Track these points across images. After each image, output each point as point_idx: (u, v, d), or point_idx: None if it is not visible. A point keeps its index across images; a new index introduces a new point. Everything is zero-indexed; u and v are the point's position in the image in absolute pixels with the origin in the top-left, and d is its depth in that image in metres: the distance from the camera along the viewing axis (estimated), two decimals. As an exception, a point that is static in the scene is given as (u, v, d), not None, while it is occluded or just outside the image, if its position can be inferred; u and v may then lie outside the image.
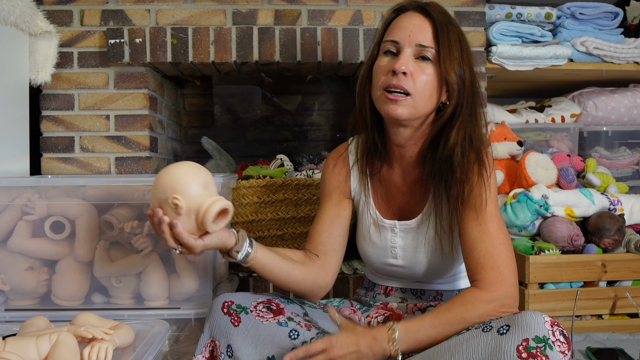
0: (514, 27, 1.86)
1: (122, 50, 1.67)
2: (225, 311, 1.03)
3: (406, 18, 1.04)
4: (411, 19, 1.03)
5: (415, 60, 1.02)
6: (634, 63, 1.98)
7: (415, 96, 1.01)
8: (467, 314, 0.93)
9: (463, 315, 0.93)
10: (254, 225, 1.66)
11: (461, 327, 0.93)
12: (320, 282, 1.15)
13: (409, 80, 1.01)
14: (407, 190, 1.16)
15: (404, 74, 1.00)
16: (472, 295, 0.95)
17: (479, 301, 0.94)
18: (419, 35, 1.01)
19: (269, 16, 1.73)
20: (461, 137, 1.03)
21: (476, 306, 0.94)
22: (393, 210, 1.19)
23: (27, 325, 1.02)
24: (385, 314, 1.17)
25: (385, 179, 1.18)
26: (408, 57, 1.01)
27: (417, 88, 1.01)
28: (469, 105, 1.04)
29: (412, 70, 1.01)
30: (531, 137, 2.03)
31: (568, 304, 1.59)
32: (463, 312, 0.93)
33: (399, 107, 1.01)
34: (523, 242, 1.66)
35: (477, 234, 1.01)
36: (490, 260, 0.98)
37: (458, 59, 1.02)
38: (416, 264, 1.15)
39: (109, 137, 1.73)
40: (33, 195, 1.27)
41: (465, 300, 0.95)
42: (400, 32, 1.03)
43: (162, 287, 1.30)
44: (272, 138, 2.40)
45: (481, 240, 1.00)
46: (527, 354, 0.80)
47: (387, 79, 1.02)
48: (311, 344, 0.93)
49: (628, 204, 1.73)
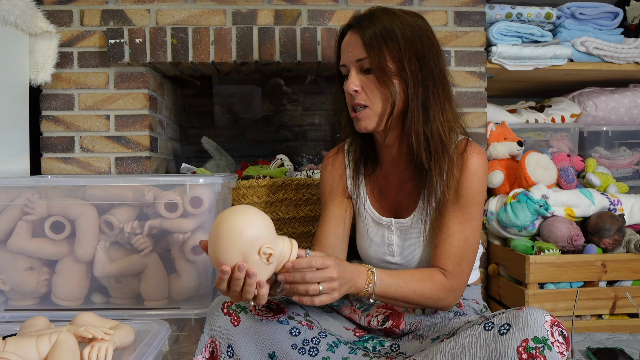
0: (514, 27, 1.86)
1: (122, 50, 1.67)
2: (225, 311, 1.03)
3: (346, 39, 1.12)
4: (348, 39, 1.11)
5: (362, 74, 1.09)
6: (634, 63, 1.98)
7: (372, 106, 1.09)
8: (431, 293, 1.05)
9: (427, 292, 1.05)
10: (254, 225, 1.66)
11: (421, 300, 1.05)
12: None
13: (362, 94, 1.09)
14: (400, 188, 1.19)
15: (356, 92, 1.09)
16: (440, 281, 1.06)
17: (444, 288, 1.06)
18: (354, 51, 1.08)
19: (269, 16, 1.73)
20: (415, 134, 1.07)
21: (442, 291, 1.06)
22: (389, 208, 1.20)
23: (27, 325, 1.02)
24: (386, 313, 1.18)
25: (379, 178, 1.22)
26: (354, 76, 1.09)
27: (370, 98, 1.09)
28: (418, 97, 1.07)
29: (361, 85, 1.09)
30: (531, 137, 2.03)
31: (568, 304, 1.59)
32: (429, 290, 1.05)
33: (362, 120, 1.10)
34: (523, 242, 1.66)
35: (454, 231, 1.09)
36: (459, 257, 1.08)
37: (396, 56, 1.05)
38: (412, 261, 1.16)
39: (109, 137, 1.73)
40: (33, 195, 1.27)
41: (433, 282, 1.06)
42: (344, 55, 1.12)
43: (162, 287, 1.30)
44: (272, 138, 2.39)
45: (456, 238, 1.09)
46: (527, 354, 0.81)
47: (349, 99, 1.12)
48: (312, 258, 0.92)
49: (628, 204, 1.73)
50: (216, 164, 2.00)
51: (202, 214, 1.28)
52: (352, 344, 1.07)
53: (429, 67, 1.07)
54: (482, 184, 1.10)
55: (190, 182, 1.28)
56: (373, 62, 1.06)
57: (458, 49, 1.79)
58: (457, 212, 1.09)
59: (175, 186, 1.30)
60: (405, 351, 1.07)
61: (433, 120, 1.07)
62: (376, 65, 1.05)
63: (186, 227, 1.28)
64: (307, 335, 1.03)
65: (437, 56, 1.09)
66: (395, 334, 1.16)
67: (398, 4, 1.76)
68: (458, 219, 1.09)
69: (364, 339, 1.13)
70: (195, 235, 1.28)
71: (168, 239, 1.30)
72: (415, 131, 1.07)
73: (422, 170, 1.09)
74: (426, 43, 1.08)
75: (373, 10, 1.11)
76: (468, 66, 1.79)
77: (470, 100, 1.80)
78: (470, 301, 1.20)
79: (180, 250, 1.29)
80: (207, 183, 1.28)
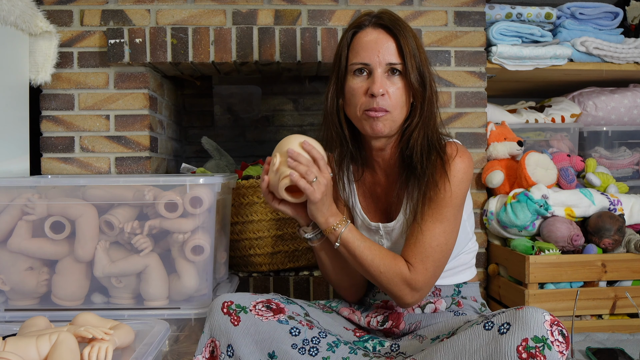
0: (514, 27, 1.86)
1: (122, 50, 1.67)
2: (225, 311, 1.03)
3: (368, 36, 1.09)
4: (377, 38, 1.08)
5: (386, 77, 1.08)
6: (634, 63, 1.98)
7: (393, 111, 1.08)
8: (387, 273, 1.07)
9: (383, 269, 1.06)
10: (254, 225, 1.66)
11: (375, 273, 1.07)
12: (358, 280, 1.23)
13: (386, 99, 1.07)
14: (389, 191, 1.20)
15: (383, 95, 1.07)
16: (401, 269, 1.07)
17: (403, 279, 1.07)
18: (387, 54, 1.07)
19: (269, 16, 1.73)
20: (421, 137, 1.10)
21: (399, 279, 1.07)
22: (381, 211, 1.22)
23: (27, 325, 1.02)
24: (385, 313, 1.18)
25: (369, 183, 1.23)
26: (382, 77, 1.07)
27: (393, 103, 1.08)
28: (430, 104, 1.11)
29: (387, 88, 1.08)
30: (531, 137, 2.03)
31: (568, 304, 1.59)
32: (385, 269, 1.07)
33: (381, 123, 1.08)
34: (523, 242, 1.66)
35: (424, 227, 1.08)
36: (424, 254, 1.07)
37: (418, 64, 1.09)
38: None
39: (109, 137, 1.73)
40: (33, 195, 1.27)
41: (394, 265, 1.07)
42: (368, 54, 1.08)
43: (162, 287, 1.30)
44: (272, 138, 2.39)
45: (424, 235, 1.08)
46: (526, 354, 0.82)
47: (367, 101, 1.08)
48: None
49: (628, 204, 1.73)
50: (216, 164, 2.00)
51: (202, 214, 1.28)
52: (352, 344, 1.07)
53: (432, 80, 1.12)
54: (461, 188, 1.09)
55: (190, 182, 1.28)
56: (408, 70, 1.07)
57: (458, 49, 1.79)
58: (431, 211, 1.08)
59: (175, 186, 1.30)
60: (405, 351, 1.07)
61: (433, 129, 1.11)
62: (410, 75, 1.07)
63: (186, 227, 1.28)
64: (307, 335, 1.03)
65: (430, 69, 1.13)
66: (395, 334, 1.16)
67: (398, 4, 1.76)
68: (431, 217, 1.08)
69: (363, 339, 1.13)
70: (195, 235, 1.28)
71: (168, 239, 1.30)
72: (415, 139, 1.10)
73: (415, 173, 1.10)
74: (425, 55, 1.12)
75: (395, 16, 1.11)
76: (468, 66, 1.79)
77: (470, 100, 1.80)
78: (469, 299, 1.21)
79: (180, 250, 1.29)
80: (207, 183, 1.28)
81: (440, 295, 1.20)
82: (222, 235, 1.48)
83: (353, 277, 1.21)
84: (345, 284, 1.23)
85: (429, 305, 1.16)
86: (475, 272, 1.27)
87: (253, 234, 1.67)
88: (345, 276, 1.21)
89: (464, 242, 1.20)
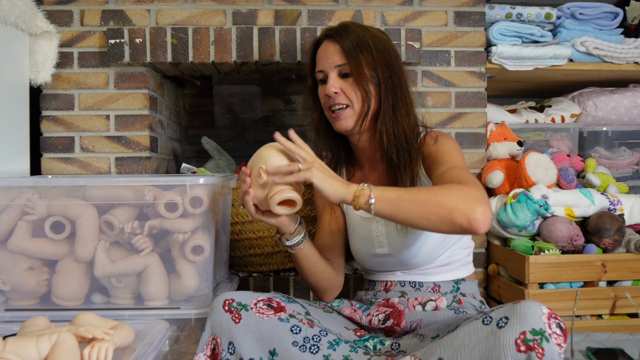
0: (514, 27, 1.87)
1: (122, 50, 1.67)
2: (226, 309, 1.04)
3: (322, 48, 1.25)
4: (326, 47, 1.23)
5: (340, 78, 1.22)
6: (634, 63, 1.98)
7: (353, 105, 1.21)
8: (447, 188, 1.00)
9: (440, 188, 1.01)
10: (254, 225, 1.66)
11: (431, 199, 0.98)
12: (335, 282, 1.30)
13: (341, 96, 1.21)
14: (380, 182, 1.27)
15: (336, 93, 1.20)
16: (456, 185, 1.02)
17: (462, 188, 0.99)
18: (334, 58, 1.21)
19: (269, 16, 1.73)
20: (388, 126, 1.19)
21: (459, 188, 0.99)
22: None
23: (27, 325, 1.02)
24: (386, 311, 1.18)
25: (360, 179, 1.33)
26: (334, 78, 1.21)
27: (350, 98, 1.20)
28: (392, 95, 1.20)
29: (341, 87, 1.20)
30: (531, 137, 2.03)
31: (568, 304, 1.59)
32: (442, 187, 1.01)
33: (343, 119, 1.21)
34: (523, 242, 1.66)
35: (443, 170, 1.10)
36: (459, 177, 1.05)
37: (372, 59, 1.19)
38: (400, 249, 1.20)
39: (109, 137, 1.73)
40: (33, 195, 1.27)
41: (449, 184, 1.03)
42: (322, 62, 1.24)
43: (162, 287, 1.30)
44: (272, 138, 2.39)
45: (448, 171, 1.08)
46: (525, 346, 0.82)
47: (327, 100, 1.23)
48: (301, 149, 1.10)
49: (628, 204, 1.73)
50: (216, 164, 2.00)
51: (202, 214, 1.28)
52: (352, 343, 1.08)
53: (397, 75, 1.21)
54: (449, 144, 1.18)
55: (190, 182, 1.28)
56: (352, 67, 1.18)
57: (458, 49, 1.79)
58: (437, 166, 1.13)
59: (175, 186, 1.30)
60: (406, 350, 1.07)
61: (400, 122, 1.20)
62: (355, 70, 1.18)
63: (186, 227, 1.28)
64: (307, 333, 1.04)
65: (401, 67, 1.24)
66: (396, 332, 1.16)
67: (398, 4, 1.76)
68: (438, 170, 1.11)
69: (364, 339, 1.13)
70: (195, 235, 1.28)
71: (168, 239, 1.30)
72: (386, 131, 1.19)
73: (393, 164, 1.20)
74: (393, 55, 1.23)
75: (346, 24, 1.24)
76: (468, 66, 1.79)
77: (470, 101, 1.80)
78: (468, 297, 1.22)
79: (180, 250, 1.29)
80: (207, 183, 1.28)
81: (439, 291, 1.22)
82: (222, 235, 1.49)
83: (330, 280, 1.27)
84: (325, 285, 1.27)
85: (430, 302, 1.17)
86: (472, 270, 1.28)
87: (253, 234, 1.67)
88: (323, 280, 1.26)
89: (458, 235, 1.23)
